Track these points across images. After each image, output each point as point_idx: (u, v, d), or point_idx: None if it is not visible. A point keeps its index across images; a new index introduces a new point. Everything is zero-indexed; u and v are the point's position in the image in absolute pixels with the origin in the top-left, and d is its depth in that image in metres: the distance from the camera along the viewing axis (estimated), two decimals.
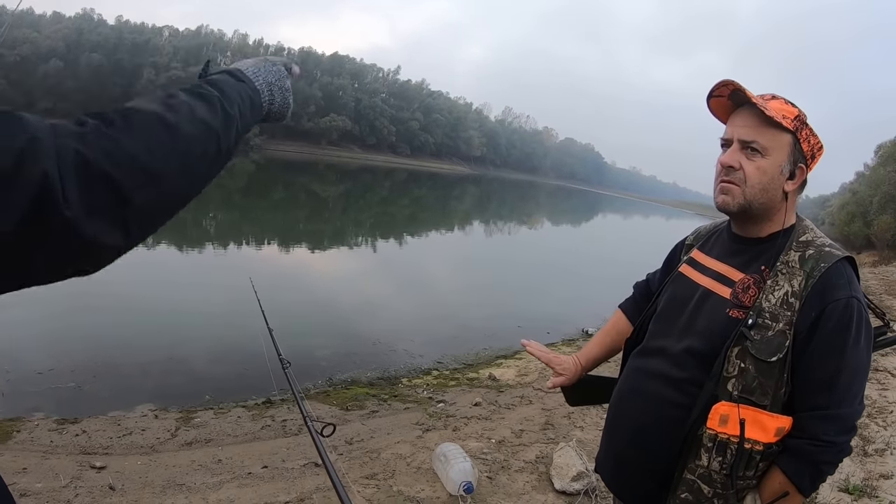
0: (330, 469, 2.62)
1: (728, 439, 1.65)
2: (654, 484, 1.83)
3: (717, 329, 1.75)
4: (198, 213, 27.36)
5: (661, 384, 1.86)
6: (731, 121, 1.80)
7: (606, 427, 2.12)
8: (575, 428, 5.91)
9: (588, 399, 2.39)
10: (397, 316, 12.89)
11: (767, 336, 1.65)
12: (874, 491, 4.62)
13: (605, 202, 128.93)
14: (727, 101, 1.81)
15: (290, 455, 5.49)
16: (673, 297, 1.99)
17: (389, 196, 54.66)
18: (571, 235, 47.25)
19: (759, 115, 1.72)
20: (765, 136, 1.72)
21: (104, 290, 11.36)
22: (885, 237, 39.78)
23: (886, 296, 16.51)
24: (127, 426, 6.10)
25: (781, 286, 1.69)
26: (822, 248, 1.73)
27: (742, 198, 1.75)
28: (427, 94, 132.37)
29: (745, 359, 1.66)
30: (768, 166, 1.73)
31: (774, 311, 1.67)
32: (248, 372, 8.20)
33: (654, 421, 1.85)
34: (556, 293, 17.69)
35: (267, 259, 18.56)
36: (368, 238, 27.25)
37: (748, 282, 1.76)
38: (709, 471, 1.69)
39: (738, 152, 1.75)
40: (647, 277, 2.37)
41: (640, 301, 2.30)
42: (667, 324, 1.95)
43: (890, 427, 6.10)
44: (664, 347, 1.90)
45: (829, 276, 1.67)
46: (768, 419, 1.64)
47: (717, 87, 1.78)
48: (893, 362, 8.60)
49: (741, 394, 1.66)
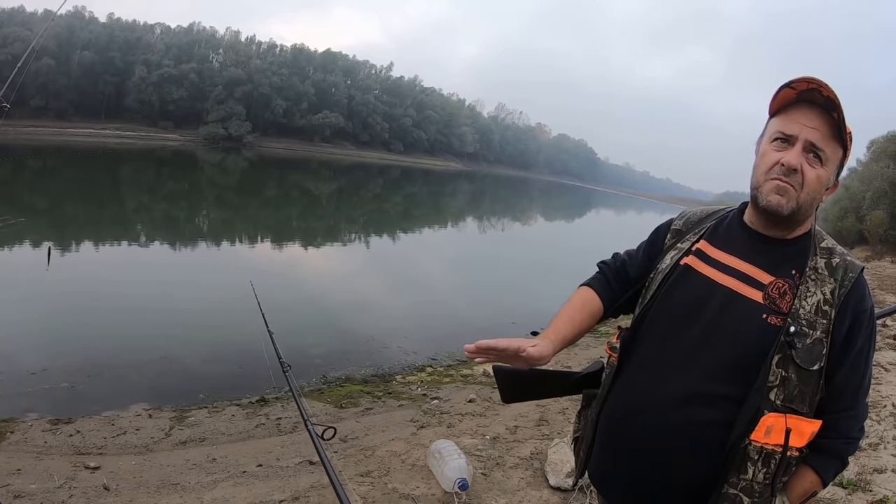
0: (330, 472, 2.63)
1: (772, 449, 1.62)
2: (681, 499, 1.75)
3: (752, 337, 1.68)
4: (191, 211, 27.39)
5: (691, 401, 1.72)
6: (796, 118, 1.70)
7: (608, 440, 1.94)
8: (569, 424, 5.88)
9: (529, 394, 2.18)
10: (391, 313, 12.90)
11: (807, 344, 1.63)
12: (868, 485, 4.64)
13: (599, 198, 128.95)
14: (794, 95, 1.70)
15: (284, 453, 5.49)
16: (686, 296, 1.83)
17: (383, 193, 54.62)
18: (565, 231, 47.34)
19: (831, 123, 1.66)
20: (830, 146, 1.68)
21: (96, 290, 11.38)
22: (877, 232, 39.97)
23: (879, 291, 16.59)
24: (121, 426, 6.09)
25: (814, 293, 1.67)
26: (845, 257, 1.73)
27: (796, 203, 1.69)
28: (420, 90, 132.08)
29: (787, 367, 1.63)
30: (825, 177, 1.70)
31: (811, 319, 1.64)
32: (242, 370, 8.20)
33: (690, 444, 1.72)
34: (549, 289, 17.65)
35: (260, 257, 18.56)
36: (362, 235, 27.26)
37: (784, 287, 1.71)
38: (752, 483, 1.64)
39: (801, 154, 1.68)
40: (621, 258, 2.16)
41: (614, 282, 2.10)
42: (682, 327, 1.80)
43: (883, 421, 6.13)
44: (685, 356, 1.76)
45: (859, 287, 1.68)
46: (807, 425, 1.64)
47: (797, 81, 1.68)
48: (887, 357, 8.64)
49: (784, 403, 1.63)
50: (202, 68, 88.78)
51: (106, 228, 19.59)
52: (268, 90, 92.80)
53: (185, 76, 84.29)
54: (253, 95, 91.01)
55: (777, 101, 1.74)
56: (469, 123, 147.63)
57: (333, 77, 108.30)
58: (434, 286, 17.19)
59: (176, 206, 28.66)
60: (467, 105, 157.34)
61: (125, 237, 18.34)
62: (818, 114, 1.67)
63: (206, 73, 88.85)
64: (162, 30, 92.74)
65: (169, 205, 28.57)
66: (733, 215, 1.92)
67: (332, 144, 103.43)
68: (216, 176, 50.33)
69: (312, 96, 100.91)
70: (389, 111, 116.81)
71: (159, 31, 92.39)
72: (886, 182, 42.13)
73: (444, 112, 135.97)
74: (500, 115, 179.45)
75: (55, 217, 20.80)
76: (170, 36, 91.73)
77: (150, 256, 16.17)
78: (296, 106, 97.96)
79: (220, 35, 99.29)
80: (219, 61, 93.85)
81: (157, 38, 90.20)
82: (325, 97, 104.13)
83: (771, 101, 1.76)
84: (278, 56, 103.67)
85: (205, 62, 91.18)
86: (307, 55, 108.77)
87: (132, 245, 17.56)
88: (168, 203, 29.04)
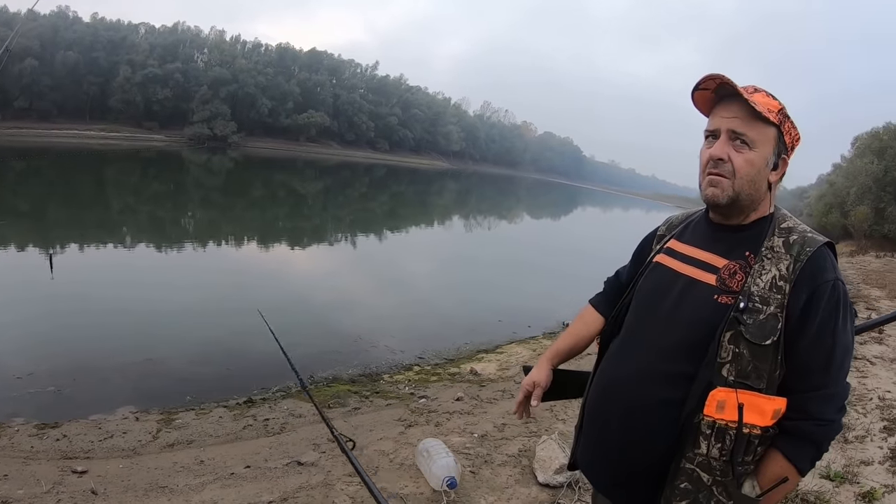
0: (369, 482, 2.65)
1: (726, 425, 1.64)
2: (648, 478, 1.80)
3: (705, 316, 1.74)
4: (176, 212, 27.27)
5: (648, 381, 1.82)
6: (717, 112, 1.80)
7: (586, 425, 2.07)
8: (557, 421, 5.93)
9: (557, 394, 2.28)
10: (378, 312, 12.90)
11: (759, 319, 1.66)
12: (855, 477, 4.68)
13: (585, 195, 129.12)
14: (711, 95, 1.82)
15: (272, 454, 5.48)
16: (652, 287, 1.97)
17: (369, 192, 54.45)
18: (551, 229, 47.45)
19: (746, 108, 1.72)
20: (753, 129, 1.73)
21: (81, 293, 11.32)
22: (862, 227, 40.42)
23: (864, 285, 16.67)
24: (108, 429, 6.07)
25: (769, 270, 1.70)
26: (805, 234, 1.75)
27: (731, 190, 1.76)
28: (405, 89, 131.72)
29: (738, 343, 1.66)
30: (757, 159, 1.74)
31: (764, 295, 1.68)
32: (229, 372, 8.22)
33: (645, 419, 1.81)
34: (537, 287, 17.74)
35: (246, 258, 18.51)
36: (348, 235, 27.21)
37: (734, 267, 1.76)
38: (708, 458, 1.68)
39: (726, 144, 1.76)
40: (616, 272, 2.33)
41: (612, 295, 2.25)
42: (647, 315, 1.92)
43: (870, 414, 6.19)
44: (647, 340, 1.88)
45: (816, 260, 1.69)
46: (765, 402, 1.65)
47: (703, 81, 1.78)
48: (873, 350, 8.71)
49: (737, 378, 1.65)
50: (187, 68, 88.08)
51: (90, 231, 19.43)
52: (253, 90, 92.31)
53: (170, 76, 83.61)
54: (238, 95, 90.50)
55: (702, 105, 1.86)
56: (455, 122, 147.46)
57: (319, 76, 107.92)
58: (421, 285, 17.21)
59: (161, 207, 28.50)
60: (453, 104, 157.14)
61: (110, 239, 18.28)
62: (735, 103, 1.75)
63: (191, 73, 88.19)
64: (146, 29, 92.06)
65: (154, 206, 28.40)
66: (702, 214, 2.01)
67: (317, 144, 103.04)
68: (202, 176, 50.08)
69: (298, 96, 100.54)
70: (375, 110, 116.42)
71: (144, 30, 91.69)
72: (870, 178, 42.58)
73: (429, 111, 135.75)
74: (486, 114, 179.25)
75: (39, 219, 20.66)
76: (154, 36, 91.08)
77: (134, 258, 16.10)
78: (281, 105, 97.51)
79: (205, 35, 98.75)
80: (204, 61, 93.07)
81: (142, 37, 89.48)
82: (311, 96, 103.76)
83: (696, 106, 1.87)
84: (263, 55, 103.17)
85: (190, 62, 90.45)
86: (292, 54, 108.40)
87: (118, 247, 17.49)
88: (153, 204, 28.88)
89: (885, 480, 4.67)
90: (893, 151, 42.87)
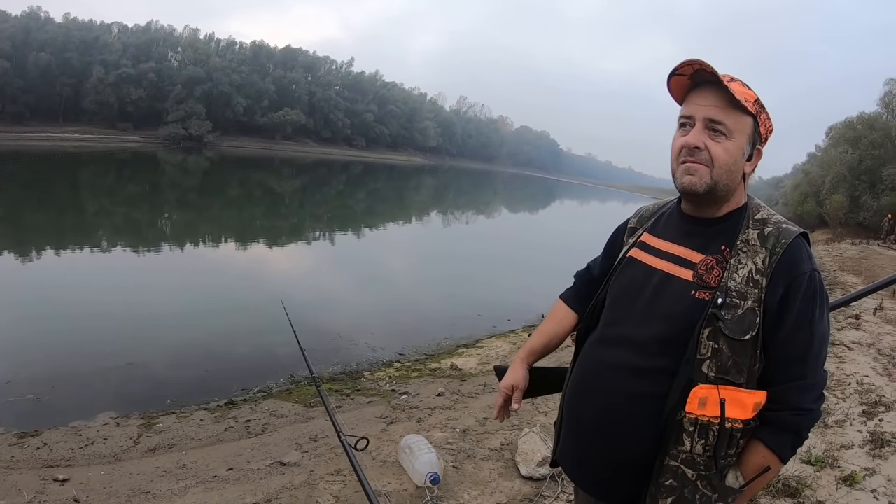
0: (365, 485, 2.64)
1: (709, 421, 1.64)
2: (631, 476, 1.79)
3: (681, 312, 1.73)
4: (152, 213, 27.09)
5: (627, 376, 1.81)
6: (692, 100, 1.78)
7: (566, 422, 2.04)
8: (538, 413, 5.94)
9: (536, 391, 2.26)
10: (357, 310, 12.90)
11: (738, 315, 1.65)
12: (836, 461, 4.72)
13: (563, 188, 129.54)
14: (687, 81, 1.78)
15: (254, 456, 5.46)
16: (628, 282, 1.94)
17: (346, 189, 54.43)
18: (529, 223, 47.52)
19: (724, 96, 1.70)
20: (731, 117, 1.71)
21: (57, 298, 11.21)
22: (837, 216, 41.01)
23: (840, 272, 16.87)
24: (88, 436, 6.02)
25: (745, 264, 1.69)
26: (779, 225, 1.74)
27: (709, 178, 1.73)
28: (381, 85, 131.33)
29: (717, 339, 1.65)
30: (733, 148, 1.73)
31: (741, 290, 1.67)
32: (208, 373, 8.19)
33: (625, 414, 1.80)
34: (516, 281, 17.78)
35: (223, 258, 18.46)
36: (326, 232, 27.23)
37: (710, 262, 1.75)
38: (692, 455, 1.67)
39: (702, 132, 1.73)
40: (587, 265, 2.30)
41: (582, 289, 2.23)
42: (624, 311, 1.90)
43: (848, 399, 6.26)
44: (625, 336, 1.85)
45: (792, 252, 1.68)
46: (746, 396, 1.65)
47: (681, 66, 1.75)
48: (850, 336, 8.80)
49: (717, 374, 1.65)
50: (161, 67, 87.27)
51: (66, 234, 19.27)
52: (228, 88, 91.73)
53: (144, 76, 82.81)
54: (213, 94, 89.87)
55: (677, 91, 1.82)
56: (431, 117, 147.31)
57: (294, 74, 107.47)
58: (400, 282, 17.24)
59: (137, 209, 28.31)
60: (429, 99, 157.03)
61: (86, 242, 18.06)
62: (712, 90, 1.73)
63: (165, 73, 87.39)
64: (119, 29, 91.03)
65: (130, 208, 28.20)
66: (673, 205, 1.99)
67: (293, 142, 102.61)
68: (177, 177, 49.80)
69: (273, 93, 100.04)
70: (351, 107, 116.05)
71: (116, 30, 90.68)
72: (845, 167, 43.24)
73: (405, 106, 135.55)
74: (463, 109, 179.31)
75: (13, 224, 20.43)
76: (127, 35, 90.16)
77: (111, 261, 16.01)
78: (256, 104, 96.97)
79: (179, 33, 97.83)
80: (178, 60, 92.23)
81: (115, 37, 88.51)
82: (286, 94, 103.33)
83: (670, 93, 1.83)
84: (238, 53, 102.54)
85: (163, 61, 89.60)
86: (267, 52, 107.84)
87: (94, 250, 17.27)
88: (129, 206, 28.66)
89: (865, 464, 4.72)
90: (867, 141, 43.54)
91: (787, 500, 4.09)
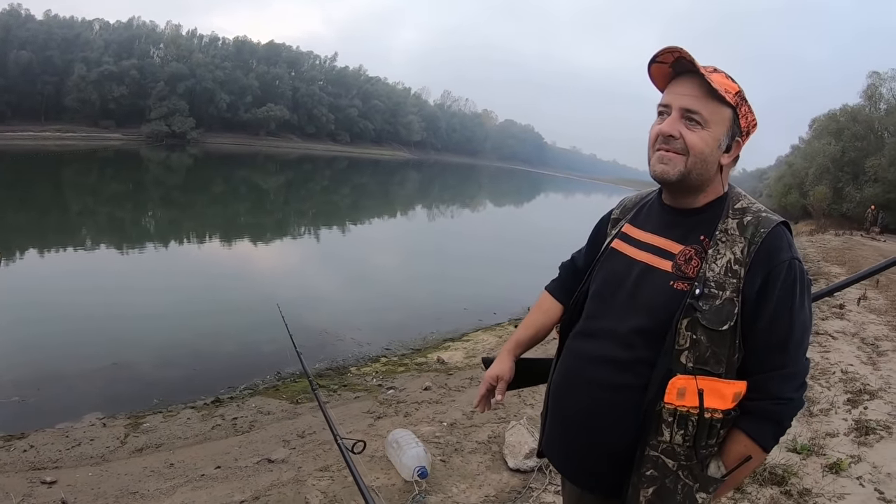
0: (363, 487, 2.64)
1: (688, 411, 1.65)
2: (613, 465, 1.80)
3: (662, 303, 1.73)
4: (136, 212, 26.94)
5: (609, 368, 1.81)
6: (672, 88, 1.77)
7: (551, 414, 2.05)
8: (525, 406, 5.96)
9: (521, 383, 2.27)
10: (343, 305, 12.91)
11: (716, 305, 1.65)
12: (821, 449, 4.77)
13: (547, 182, 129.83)
14: (668, 69, 1.77)
15: (242, 453, 5.45)
16: (609, 274, 1.94)
17: (331, 185, 54.24)
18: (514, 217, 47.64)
19: (703, 86, 1.69)
20: (708, 107, 1.70)
21: (41, 299, 11.16)
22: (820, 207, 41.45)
23: (823, 262, 16.99)
24: (75, 437, 5.98)
25: (723, 254, 1.69)
26: (759, 214, 1.73)
27: (683, 166, 1.73)
28: (365, 80, 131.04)
29: (695, 330, 1.65)
30: (709, 138, 1.71)
31: (720, 280, 1.66)
32: (195, 372, 8.17)
33: (608, 407, 1.80)
34: (501, 274, 17.80)
35: (207, 256, 18.39)
36: (311, 228, 27.17)
37: (689, 253, 1.74)
38: (672, 445, 1.68)
39: (678, 121, 1.73)
40: (572, 256, 2.30)
41: (567, 281, 2.23)
42: (605, 303, 1.91)
43: (833, 388, 6.30)
44: (606, 328, 1.85)
45: (771, 240, 1.67)
46: (725, 386, 1.65)
47: (661, 53, 1.74)
48: (834, 325, 8.86)
49: (696, 365, 1.65)
50: (143, 64, 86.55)
51: (49, 235, 19.12)
52: (211, 84, 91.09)
53: (126, 73, 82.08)
54: (196, 90, 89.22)
55: (659, 79, 1.82)
56: (415, 112, 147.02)
57: (277, 69, 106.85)
58: (385, 277, 17.23)
59: (120, 207, 28.13)
60: (413, 93, 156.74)
61: (69, 242, 17.94)
62: (691, 80, 1.73)
63: (148, 69, 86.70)
64: (101, 26, 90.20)
65: (113, 207, 28.01)
66: (655, 196, 1.99)
67: (278, 137, 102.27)
68: (161, 175, 49.46)
69: (256, 89, 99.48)
70: (335, 102, 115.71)
71: (98, 27, 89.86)
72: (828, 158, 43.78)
73: (390, 101, 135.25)
74: (447, 103, 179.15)
75: None
76: (109, 32, 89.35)
77: (95, 261, 15.85)
78: (240, 100, 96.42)
79: (161, 29, 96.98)
80: (160, 56, 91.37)
81: (97, 34, 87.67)
82: (270, 90, 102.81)
83: (651, 80, 1.83)
84: (221, 49, 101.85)
85: (146, 58, 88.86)
86: (250, 47, 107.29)
87: (77, 250, 17.12)
88: (112, 205, 28.46)
89: (850, 451, 4.76)
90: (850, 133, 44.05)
91: (773, 487, 4.12)
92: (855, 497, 4.07)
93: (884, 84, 44.54)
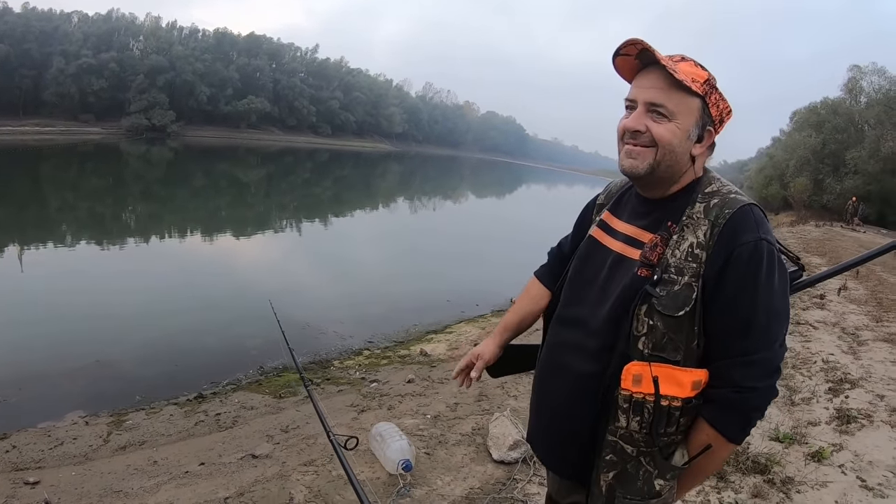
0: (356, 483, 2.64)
1: (644, 398, 1.65)
2: (581, 452, 1.81)
3: (626, 291, 1.73)
4: (116, 207, 26.73)
5: (578, 356, 1.82)
6: (637, 82, 1.74)
7: (532, 401, 2.08)
8: (509, 397, 5.98)
9: (509, 369, 2.30)
10: (325, 298, 12.89)
11: (673, 290, 1.64)
12: (804, 438, 4.82)
13: (529, 173, 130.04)
14: (634, 61, 1.74)
15: (226, 449, 5.44)
16: (585, 262, 1.95)
17: (312, 178, 54.05)
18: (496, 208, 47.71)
19: (667, 77, 1.65)
20: (673, 99, 1.67)
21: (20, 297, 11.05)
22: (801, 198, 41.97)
23: (805, 254, 17.16)
24: (58, 436, 5.95)
25: (687, 239, 1.67)
26: (726, 196, 1.70)
27: (652, 159, 1.70)
28: (346, 72, 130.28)
29: (652, 316, 1.64)
30: (677, 129, 1.68)
31: (679, 265, 1.65)
32: (178, 368, 8.14)
33: (575, 393, 1.82)
34: (483, 266, 17.86)
35: (188, 250, 18.35)
36: (293, 221, 27.09)
37: (656, 240, 1.73)
38: (629, 431, 1.68)
39: (643, 115, 1.70)
40: (559, 242, 2.30)
41: (555, 266, 2.22)
42: (580, 291, 1.91)
43: (814, 377, 6.37)
44: (579, 317, 1.86)
45: (735, 221, 1.64)
46: (682, 374, 1.63)
47: (624, 46, 1.70)
48: (815, 315, 8.93)
49: (652, 352, 1.64)
50: (122, 57, 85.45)
51: (28, 230, 18.96)
52: (191, 77, 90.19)
53: (105, 66, 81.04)
54: (176, 83, 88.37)
55: (626, 71, 1.79)
56: (397, 104, 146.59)
57: (258, 61, 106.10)
58: (368, 269, 17.22)
59: (101, 202, 27.86)
60: (395, 85, 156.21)
61: (49, 238, 17.77)
62: (655, 72, 1.70)
63: (127, 62, 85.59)
64: (80, 18, 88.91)
65: (93, 202, 27.74)
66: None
67: (259, 130, 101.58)
68: (141, 169, 49.10)
69: (237, 82, 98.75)
70: (316, 94, 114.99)
71: (77, 19, 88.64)
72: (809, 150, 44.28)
73: (371, 93, 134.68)
74: (428, 95, 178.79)
75: None
76: (88, 24, 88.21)
77: (75, 258, 15.72)
78: (220, 92, 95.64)
79: (140, 21, 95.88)
80: (140, 49, 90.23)
81: (75, 26, 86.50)
82: (250, 82, 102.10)
83: (618, 72, 1.80)
84: (201, 41, 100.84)
85: (125, 50, 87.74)
86: (231, 39, 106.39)
87: (57, 247, 16.98)
88: (92, 200, 28.18)
89: (832, 440, 4.82)
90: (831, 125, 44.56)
91: (756, 476, 4.16)
92: (837, 485, 4.11)
93: (864, 77, 44.98)
